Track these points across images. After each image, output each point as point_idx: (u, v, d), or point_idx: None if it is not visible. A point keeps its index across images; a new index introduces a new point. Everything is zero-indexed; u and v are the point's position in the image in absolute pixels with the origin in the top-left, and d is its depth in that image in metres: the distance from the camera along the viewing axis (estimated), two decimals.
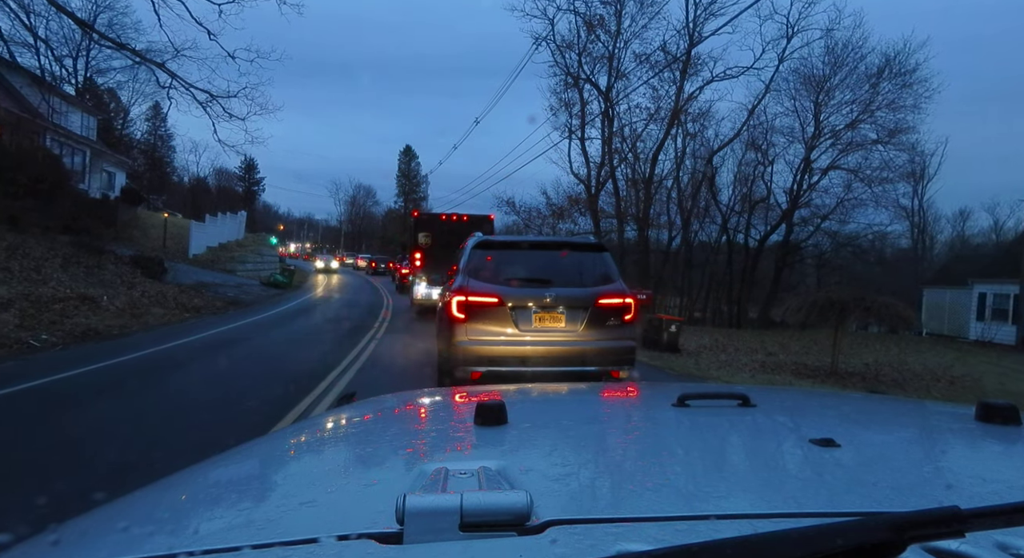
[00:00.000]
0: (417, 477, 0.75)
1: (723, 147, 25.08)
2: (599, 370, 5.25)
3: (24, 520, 0.82)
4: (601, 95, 24.88)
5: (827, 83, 23.65)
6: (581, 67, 24.17)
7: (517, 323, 5.15)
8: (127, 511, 0.88)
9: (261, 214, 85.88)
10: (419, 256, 15.80)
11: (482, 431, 1.03)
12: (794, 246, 26.13)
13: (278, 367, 7.97)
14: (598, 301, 5.28)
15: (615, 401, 1.60)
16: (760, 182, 26.71)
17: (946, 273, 25.98)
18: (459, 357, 5.16)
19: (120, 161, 32.02)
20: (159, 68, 18.93)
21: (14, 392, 6.09)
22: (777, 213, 26.18)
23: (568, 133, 25.32)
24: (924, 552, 0.54)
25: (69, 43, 32.78)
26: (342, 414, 1.45)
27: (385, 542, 0.57)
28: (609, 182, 25.19)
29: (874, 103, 23.03)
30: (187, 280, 19.59)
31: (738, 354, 14.49)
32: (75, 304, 11.20)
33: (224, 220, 30.78)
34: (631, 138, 24.99)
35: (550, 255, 5.78)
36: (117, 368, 7.69)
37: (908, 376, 12.65)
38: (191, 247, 25.28)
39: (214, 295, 17.47)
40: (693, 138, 24.55)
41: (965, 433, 1.12)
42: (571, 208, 24.70)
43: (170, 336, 10.42)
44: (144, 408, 5.72)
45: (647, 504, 0.72)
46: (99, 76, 38.93)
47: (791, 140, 25.11)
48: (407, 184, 68.57)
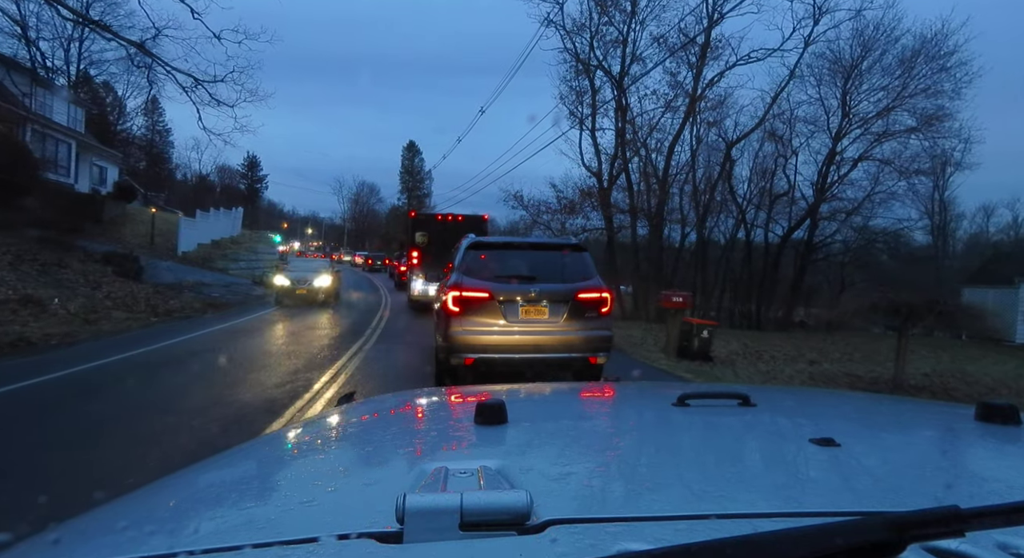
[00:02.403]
0: (417, 476, 0.74)
1: (744, 137, 23.15)
2: (579, 356, 5.69)
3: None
4: (614, 82, 23.01)
5: (856, 68, 21.70)
6: (593, 51, 22.28)
7: (506, 315, 5.59)
8: (127, 511, 0.87)
9: (266, 212, 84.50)
10: (416, 254, 15.87)
11: (482, 430, 1.01)
12: (818, 243, 24.18)
13: (225, 396, 6.03)
14: (577, 295, 5.72)
15: (616, 401, 1.58)
16: (781, 175, 24.83)
17: (987, 272, 23.97)
18: (454, 346, 5.57)
19: (111, 155, 30.26)
20: (137, 48, 17.16)
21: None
22: (799, 208, 24.29)
23: (579, 123, 23.45)
24: (924, 552, 0.54)
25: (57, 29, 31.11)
26: (342, 413, 1.40)
27: (385, 541, 0.56)
28: (622, 176, 23.35)
29: (908, 89, 21.07)
30: (170, 279, 17.85)
31: (776, 363, 12.63)
32: (14, 308, 9.43)
33: (218, 216, 28.99)
34: (646, 128, 23.11)
35: (535, 254, 6.21)
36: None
37: (981, 390, 10.78)
38: (180, 244, 23.53)
39: (195, 296, 15.71)
40: (713, 127, 22.60)
41: (965, 433, 1.11)
42: (583, 202, 22.78)
43: (116, 347, 8.62)
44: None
45: (647, 504, 0.71)
46: (92, 68, 37.14)
47: (814, 130, 23.19)
48: (410, 180, 66.69)
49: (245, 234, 33.23)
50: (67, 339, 8.87)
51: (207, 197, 52.40)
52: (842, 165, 22.37)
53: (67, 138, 25.45)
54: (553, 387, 2.06)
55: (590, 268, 6.09)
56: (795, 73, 21.87)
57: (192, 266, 22.24)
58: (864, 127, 21.98)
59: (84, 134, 28.06)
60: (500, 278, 5.78)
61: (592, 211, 23.31)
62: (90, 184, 29.49)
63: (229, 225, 30.48)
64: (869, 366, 12.33)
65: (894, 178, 22.80)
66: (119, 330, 10.20)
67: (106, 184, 32.43)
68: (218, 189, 63.85)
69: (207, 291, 17.24)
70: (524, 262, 6.02)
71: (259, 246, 29.75)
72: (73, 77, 36.54)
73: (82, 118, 28.61)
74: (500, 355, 5.59)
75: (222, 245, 27.06)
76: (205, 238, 26.36)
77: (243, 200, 64.71)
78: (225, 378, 6.98)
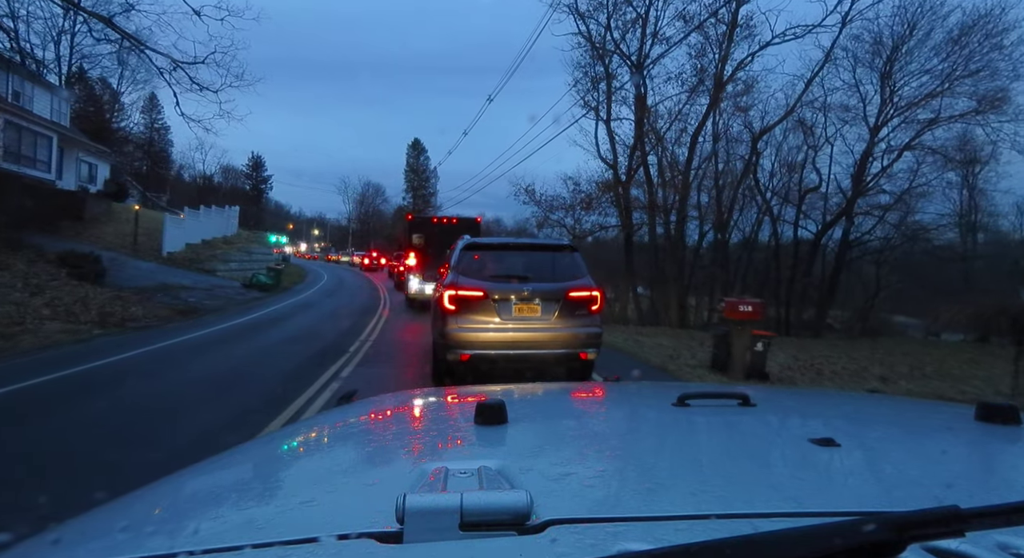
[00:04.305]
0: (417, 476, 0.73)
1: (775, 125, 20.93)
2: (570, 352, 5.86)
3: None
4: (632, 68, 20.87)
5: (899, 49, 19.44)
6: (609, 33, 20.13)
7: (500, 313, 5.73)
8: (127, 511, 0.85)
9: (273, 214, 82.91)
10: (413, 255, 15.98)
11: (482, 430, 0.99)
12: (854, 241, 21.91)
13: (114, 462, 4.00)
14: (568, 294, 5.87)
15: (616, 401, 1.56)
16: (810, 167, 22.58)
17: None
18: (451, 342, 5.69)
19: (100, 151, 28.31)
20: (104, 23, 15.16)
21: None
22: (831, 204, 22.06)
23: (595, 112, 21.28)
24: (924, 552, 0.53)
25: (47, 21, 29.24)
26: (342, 414, 1.39)
27: (385, 541, 0.56)
28: (640, 170, 21.17)
29: (958, 71, 18.78)
30: (144, 282, 15.81)
31: (842, 380, 10.41)
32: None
33: (209, 214, 26.96)
34: (667, 116, 20.94)
35: (528, 255, 6.36)
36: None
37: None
38: (165, 244, 21.52)
39: (167, 301, 13.67)
40: (743, 112, 20.40)
41: (965, 433, 1.09)
42: (602, 195, 20.62)
43: (22, 372, 6.56)
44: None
45: (647, 504, 0.70)
46: (85, 62, 35.27)
47: (849, 118, 20.91)
48: (415, 179, 64.51)
49: (242, 234, 31.25)
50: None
51: (211, 197, 50.60)
52: (884, 156, 20.10)
53: (48, 131, 23.51)
54: (553, 387, 1.95)
55: (581, 268, 6.21)
56: (830, 56, 19.64)
57: (177, 267, 20.24)
58: (906, 114, 19.71)
59: (69, 128, 26.13)
60: (494, 277, 5.91)
61: (609, 206, 21.16)
62: (77, 181, 27.57)
63: (223, 224, 28.46)
64: (953, 383, 10.14)
65: (936, 170, 20.60)
66: (40, 347, 8.13)
67: (96, 182, 30.51)
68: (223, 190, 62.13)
69: (184, 295, 15.20)
70: (517, 262, 6.15)
71: (253, 246, 27.71)
72: (65, 73, 34.74)
73: (67, 111, 26.69)
74: (495, 351, 5.71)
75: (213, 245, 25.05)
76: (195, 237, 24.35)
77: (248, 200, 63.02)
78: (162, 402, 4.85)
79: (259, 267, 23.33)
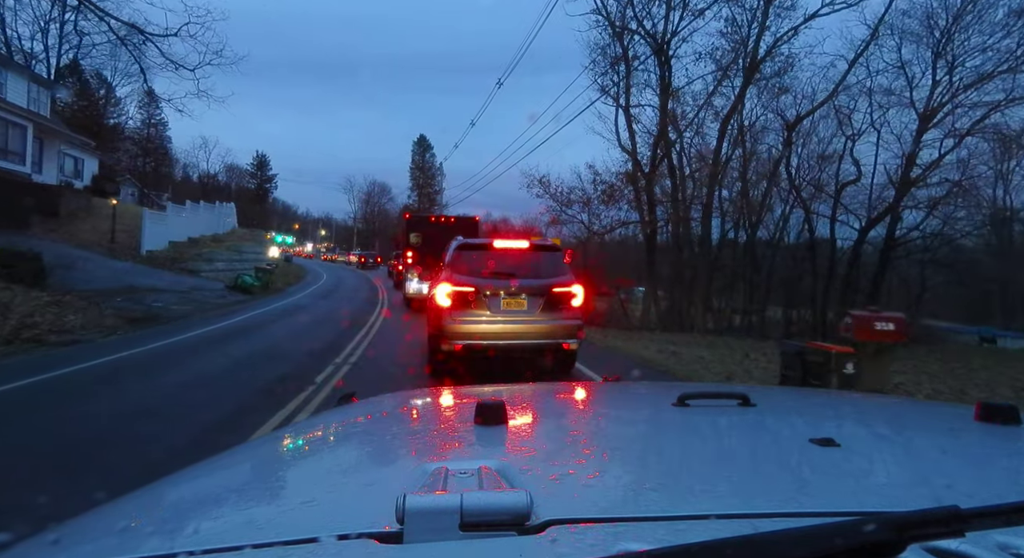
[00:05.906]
0: (417, 477, 0.72)
1: (814, 110, 18.61)
2: (553, 342, 6.32)
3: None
4: (655, 49, 18.60)
5: (958, 22, 17.05)
6: (631, 7, 17.84)
7: (490, 307, 6.17)
8: (127, 511, 0.84)
9: (280, 214, 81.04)
10: (411, 254, 15.81)
11: (482, 430, 0.97)
12: (900, 239, 19.54)
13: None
14: (552, 289, 6.30)
15: (615, 401, 1.53)
16: (848, 159, 20.21)
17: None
18: (445, 334, 6.12)
19: (84, 144, 26.28)
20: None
21: None
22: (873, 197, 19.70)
23: (614, 100, 19.04)
24: (924, 552, 0.53)
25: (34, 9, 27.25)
26: (342, 414, 1.37)
27: (385, 542, 0.55)
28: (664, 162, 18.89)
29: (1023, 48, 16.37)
30: (108, 284, 13.71)
31: (944, 399, 8.17)
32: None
33: (197, 210, 24.84)
34: (695, 102, 18.67)
35: (515, 254, 6.63)
36: None
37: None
38: (144, 242, 19.44)
39: (123, 306, 11.54)
40: (783, 94, 18.09)
41: (965, 433, 1.07)
42: (624, 187, 18.37)
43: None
44: None
45: (647, 504, 0.69)
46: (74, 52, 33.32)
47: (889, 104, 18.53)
48: (421, 177, 62.35)
49: (235, 232, 29.18)
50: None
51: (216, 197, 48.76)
52: (940, 143, 17.69)
53: (22, 120, 21.49)
54: (553, 387, 1.94)
55: (563, 266, 6.67)
56: (878, 31, 17.27)
57: (154, 267, 18.15)
58: (965, 96, 17.28)
59: (48, 118, 24.10)
60: (485, 275, 6.31)
61: (630, 201, 18.90)
62: (60, 176, 25.54)
63: (214, 221, 26.37)
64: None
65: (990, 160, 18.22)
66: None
67: (83, 177, 28.51)
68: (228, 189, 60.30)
69: (149, 300, 13.07)
70: (505, 261, 6.48)
71: (246, 244, 25.59)
72: (55, 65, 32.84)
73: (47, 100, 24.69)
74: (486, 341, 6.13)
75: (200, 243, 22.97)
76: (180, 235, 22.27)
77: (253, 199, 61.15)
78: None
79: (248, 267, 21.22)
